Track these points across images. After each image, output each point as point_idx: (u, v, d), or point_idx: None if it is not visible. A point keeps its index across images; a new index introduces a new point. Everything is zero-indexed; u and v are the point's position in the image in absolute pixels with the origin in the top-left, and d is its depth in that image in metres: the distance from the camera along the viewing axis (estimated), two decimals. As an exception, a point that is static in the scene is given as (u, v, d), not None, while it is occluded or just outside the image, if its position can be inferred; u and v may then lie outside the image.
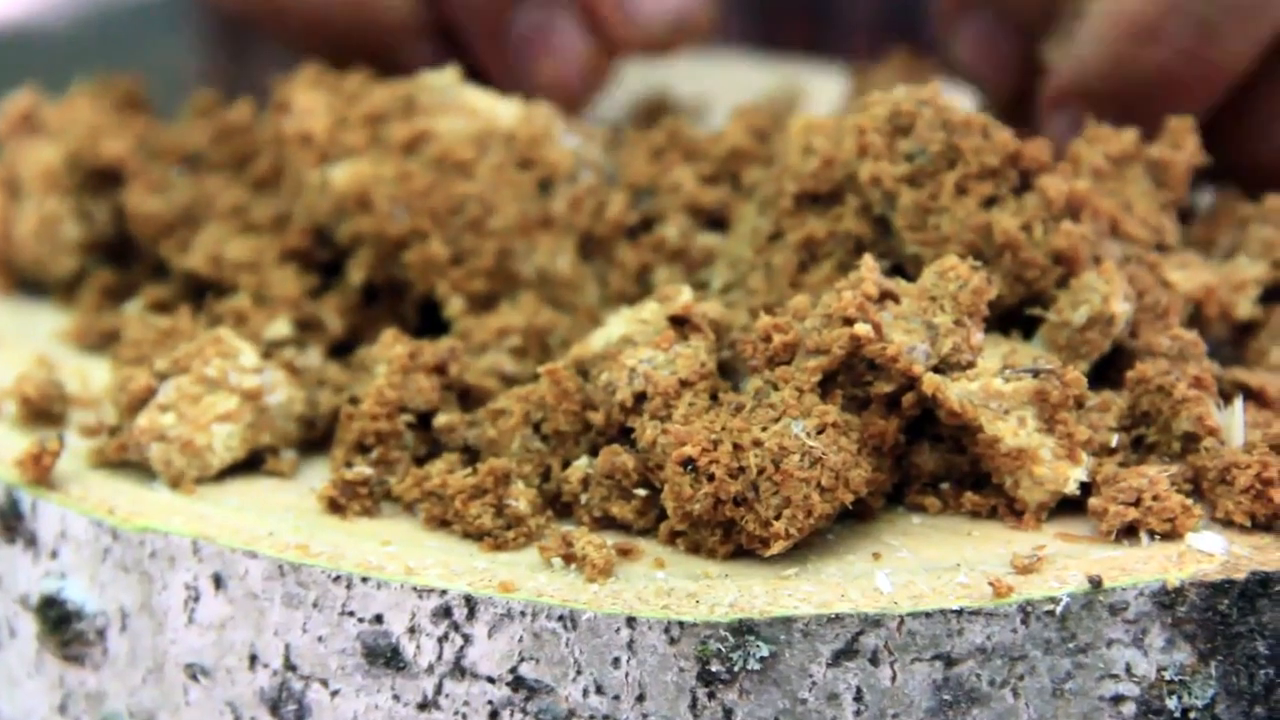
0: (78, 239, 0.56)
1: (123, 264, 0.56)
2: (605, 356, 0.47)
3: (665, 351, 0.47)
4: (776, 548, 0.45)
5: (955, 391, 0.46)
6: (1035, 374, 0.47)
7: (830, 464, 0.45)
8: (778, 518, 0.44)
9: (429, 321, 0.53)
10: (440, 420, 0.48)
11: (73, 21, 5.96)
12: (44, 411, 0.49)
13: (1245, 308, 0.50)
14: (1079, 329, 0.49)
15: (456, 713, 0.45)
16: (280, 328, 0.50)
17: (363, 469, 0.47)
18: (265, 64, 1.03)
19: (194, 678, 0.46)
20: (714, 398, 0.46)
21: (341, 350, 0.53)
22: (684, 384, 0.47)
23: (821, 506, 0.45)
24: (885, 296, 0.46)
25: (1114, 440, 0.47)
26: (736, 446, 0.44)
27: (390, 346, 0.49)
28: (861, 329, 0.46)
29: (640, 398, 0.47)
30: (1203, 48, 0.59)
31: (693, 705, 0.43)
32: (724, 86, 0.86)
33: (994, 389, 0.46)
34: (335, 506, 0.46)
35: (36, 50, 5.95)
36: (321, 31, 0.77)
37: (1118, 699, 0.44)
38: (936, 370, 0.47)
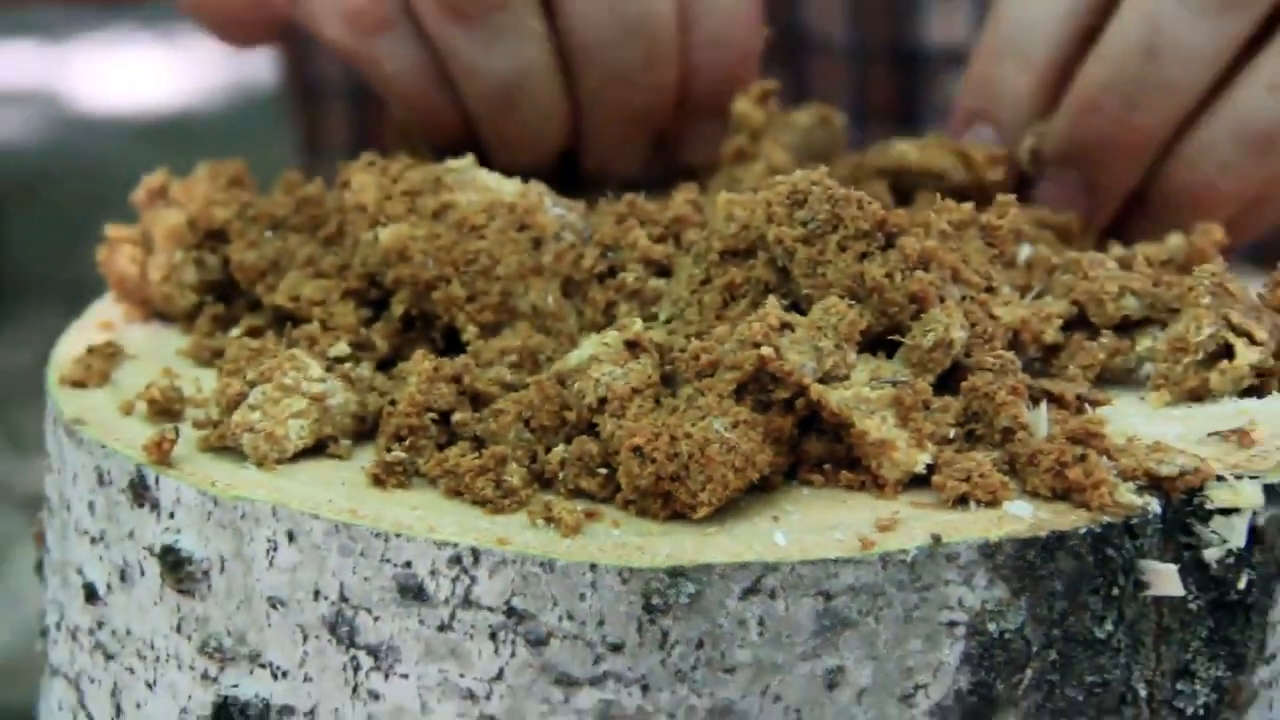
0: (194, 282, 0.57)
1: (228, 300, 0.57)
2: (578, 370, 0.48)
3: (622, 367, 0.48)
4: (701, 513, 0.45)
5: (834, 397, 0.47)
6: (894, 384, 0.48)
7: (742, 451, 0.45)
8: (702, 490, 0.45)
9: (450, 344, 0.54)
10: (456, 418, 0.48)
11: (226, 105, 5.94)
12: (166, 410, 0.50)
13: (1051, 335, 0.51)
14: (927, 351, 0.49)
15: (465, 633, 0.45)
16: (340, 348, 0.51)
17: (398, 454, 0.48)
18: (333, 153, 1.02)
19: (274, 606, 0.46)
20: (657, 401, 0.47)
21: (385, 365, 0.53)
22: (635, 391, 0.47)
23: (735, 482, 0.45)
24: (784, 326, 0.47)
25: (951, 433, 0.48)
26: (673, 438, 0.45)
27: (420, 362, 0.50)
28: (766, 351, 0.46)
29: (603, 401, 0.48)
30: (1132, 117, 0.58)
31: (639, 628, 0.44)
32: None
33: (863, 395, 0.47)
34: (378, 481, 0.47)
35: (196, 130, 5.94)
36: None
37: (953, 624, 0.44)
38: (821, 381, 0.47)
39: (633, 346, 0.49)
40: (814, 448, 0.48)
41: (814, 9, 1.16)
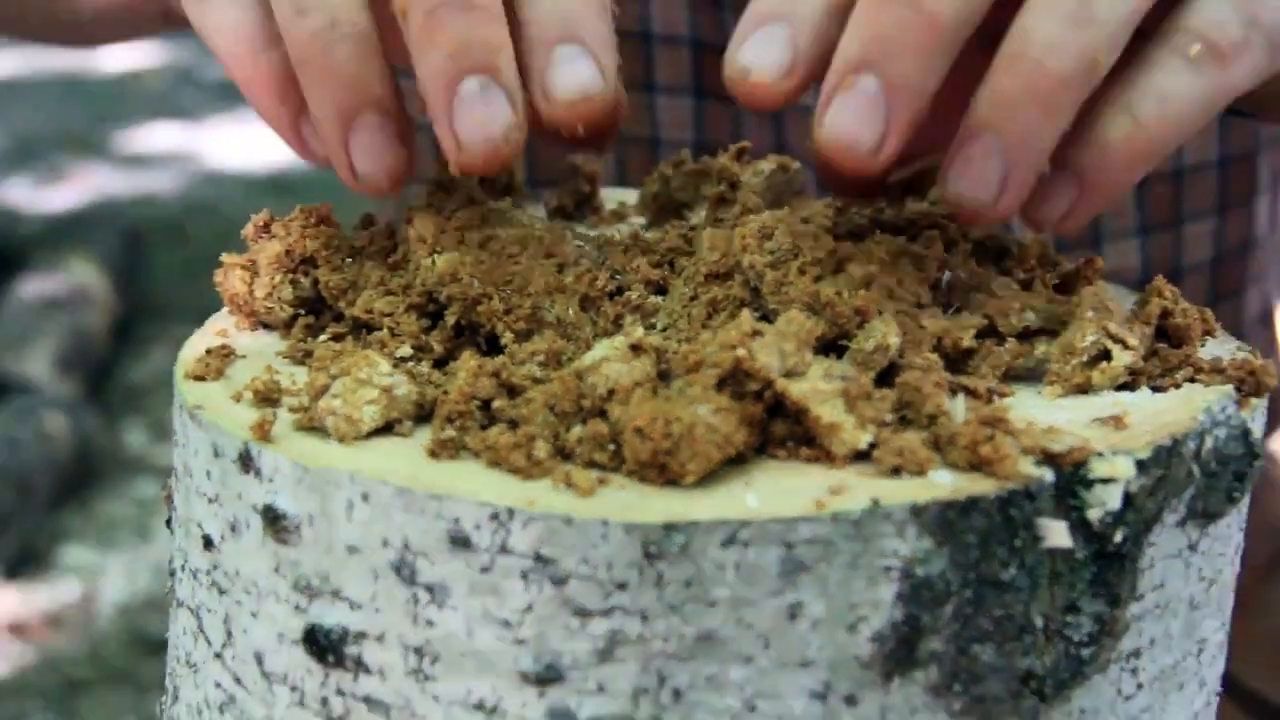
0: (290, 298, 0.57)
1: (316, 313, 0.57)
2: (592, 368, 0.48)
3: (626, 365, 0.48)
4: (689, 480, 0.45)
5: (795, 389, 0.46)
6: (842, 379, 0.47)
7: (722, 431, 0.45)
8: (690, 462, 0.44)
9: (491, 347, 0.53)
10: (495, 404, 0.48)
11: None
12: (267, 398, 0.50)
13: (967, 341, 0.51)
14: (869, 353, 0.49)
15: (502, 574, 0.44)
16: (404, 350, 0.52)
17: (450, 433, 0.48)
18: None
19: (350, 552, 0.46)
20: (654, 392, 0.47)
21: (440, 364, 0.53)
22: (636, 384, 0.47)
23: (716, 456, 0.45)
24: (755, 333, 0.47)
25: (888, 418, 0.47)
26: (666, 421, 0.44)
27: (467, 362, 0.50)
28: (741, 353, 0.46)
29: (611, 392, 0.47)
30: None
31: (640, 571, 0.43)
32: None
33: (818, 387, 0.47)
34: (433, 454, 0.47)
35: (296, 184, 5.95)
36: None
37: (888, 569, 0.44)
38: (785, 376, 0.46)
39: (635, 349, 0.48)
40: (779, 429, 0.47)
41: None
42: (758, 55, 0.53)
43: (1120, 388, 0.52)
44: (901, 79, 0.50)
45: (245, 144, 6.98)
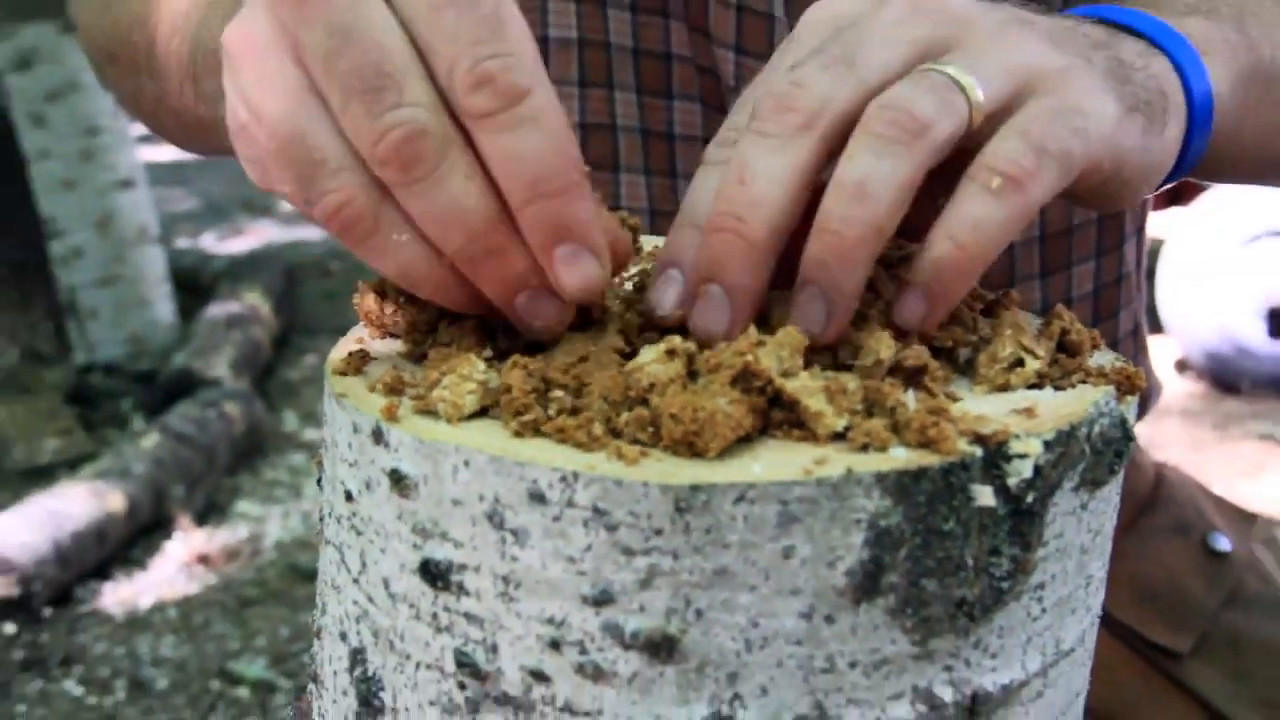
0: (410, 314, 0.55)
1: (431, 325, 0.55)
2: (638, 368, 0.47)
3: (664, 365, 0.47)
4: (710, 454, 0.44)
5: (790, 385, 0.45)
6: (825, 379, 0.46)
7: (735, 417, 0.44)
8: (712, 441, 0.44)
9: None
10: (553, 395, 0.49)
11: None
12: (394, 388, 0.49)
13: (918, 360, 0.49)
14: (870, 366, 0.50)
15: (569, 522, 0.44)
16: (488, 352, 0.51)
17: (528, 418, 0.47)
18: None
19: (455, 505, 0.45)
20: (684, 387, 0.45)
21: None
22: (670, 380, 0.46)
23: (730, 436, 0.44)
24: (760, 344, 0.46)
25: (858, 408, 0.46)
26: (694, 409, 0.44)
27: (512, 370, 0.49)
28: (749, 358, 0.45)
29: (652, 385, 0.46)
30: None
31: (672, 520, 0.43)
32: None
33: (807, 384, 0.46)
34: (517, 433, 0.46)
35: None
36: None
37: (858, 520, 0.43)
38: (782, 376, 0.46)
39: (670, 354, 0.47)
40: (777, 415, 0.46)
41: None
42: (659, 297, 0.53)
43: (1030, 387, 0.51)
44: (735, 283, 0.50)
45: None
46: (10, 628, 2.97)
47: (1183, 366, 4.32)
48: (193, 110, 0.69)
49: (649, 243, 0.70)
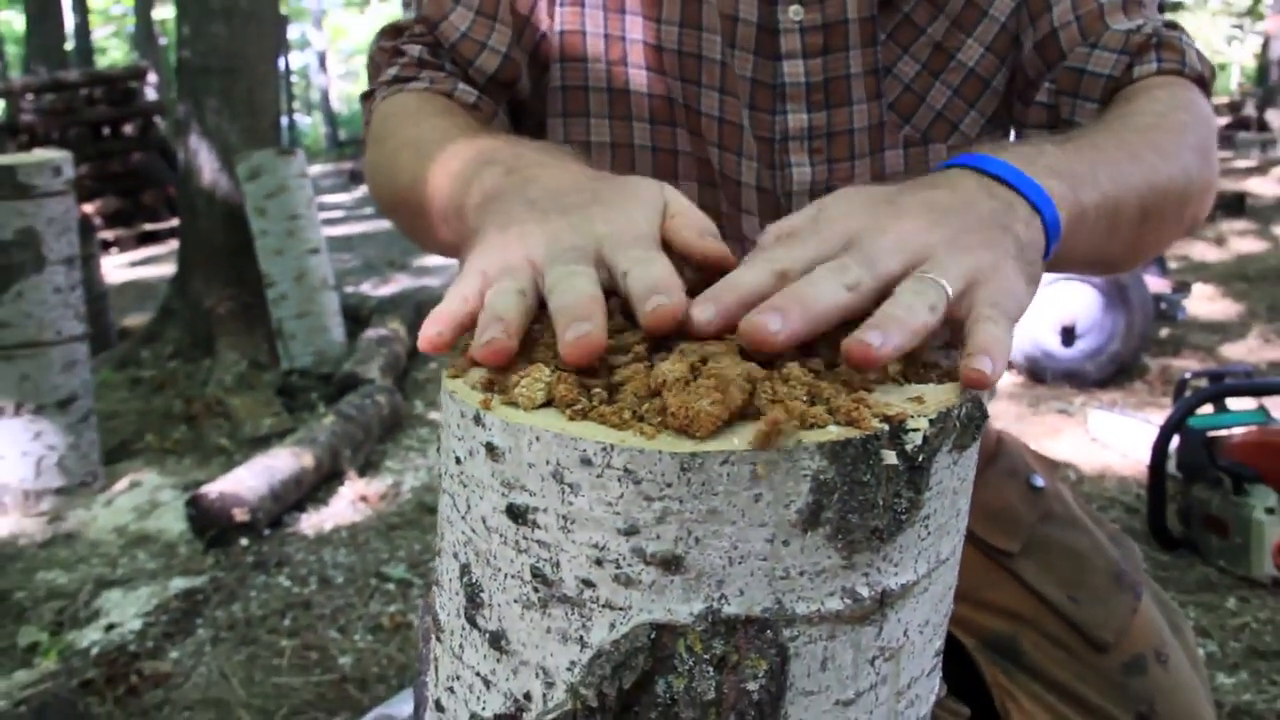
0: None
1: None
2: (657, 370, 0.44)
3: (672, 365, 0.44)
4: (700, 436, 0.42)
5: (760, 391, 0.43)
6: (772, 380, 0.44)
7: (714, 414, 0.42)
8: (699, 429, 0.42)
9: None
10: (593, 391, 0.46)
11: None
12: (488, 386, 0.47)
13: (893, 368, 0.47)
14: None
15: (608, 478, 0.42)
16: (551, 366, 0.47)
17: (580, 406, 0.45)
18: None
19: (530, 465, 0.43)
20: (685, 385, 0.43)
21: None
22: (678, 379, 0.44)
23: (711, 426, 0.42)
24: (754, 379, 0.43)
25: (804, 399, 0.44)
26: (688, 407, 0.42)
27: (557, 386, 0.47)
28: (730, 375, 0.42)
29: (664, 382, 0.44)
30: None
31: (678, 477, 0.40)
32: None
33: (768, 386, 0.43)
34: (570, 419, 0.43)
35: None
36: None
37: (805, 474, 0.41)
38: (748, 382, 0.43)
39: (681, 353, 0.45)
40: (759, 403, 0.44)
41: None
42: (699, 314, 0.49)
43: (893, 380, 0.48)
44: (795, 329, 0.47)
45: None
46: (244, 541, 2.96)
47: (1008, 365, 4.29)
48: (446, 240, 0.70)
49: None
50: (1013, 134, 0.93)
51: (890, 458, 0.43)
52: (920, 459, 0.44)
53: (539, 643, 0.45)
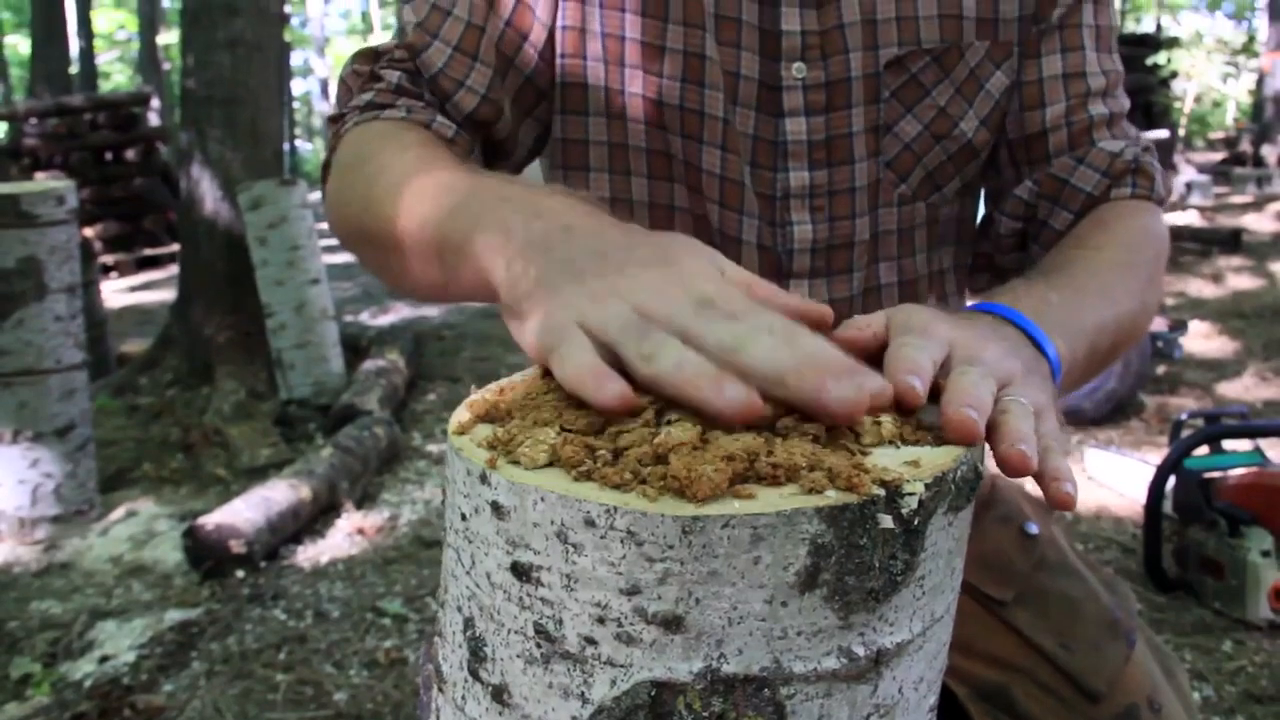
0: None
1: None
2: (664, 438, 0.46)
3: (678, 431, 0.46)
4: (700, 498, 0.43)
5: (760, 462, 0.44)
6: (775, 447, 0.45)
7: (715, 480, 0.43)
8: (698, 492, 0.43)
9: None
10: (599, 453, 0.46)
11: None
12: (493, 445, 0.48)
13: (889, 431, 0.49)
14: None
15: (610, 540, 0.42)
16: (556, 428, 0.48)
17: (585, 468, 0.45)
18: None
19: (534, 525, 0.44)
20: (691, 451, 0.44)
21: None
22: (681, 444, 0.45)
23: (709, 491, 0.43)
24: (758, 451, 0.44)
25: (805, 464, 0.45)
26: (689, 474, 0.43)
27: (563, 447, 0.48)
28: (730, 448, 0.43)
29: (669, 449, 0.45)
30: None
31: (679, 539, 0.41)
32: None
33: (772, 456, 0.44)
34: (575, 479, 0.44)
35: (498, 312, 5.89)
36: None
37: (804, 538, 0.42)
38: (749, 456, 0.44)
39: (684, 423, 0.46)
40: (758, 469, 0.45)
41: None
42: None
43: (890, 442, 0.50)
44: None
45: (471, 295, 6.97)
46: (240, 573, 2.95)
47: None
48: (433, 278, 0.67)
49: None
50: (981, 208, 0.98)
51: (886, 521, 0.44)
52: (916, 522, 0.45)
53: (541, 697, 0.46)
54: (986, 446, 0.52)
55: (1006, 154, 0.94)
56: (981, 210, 0.99)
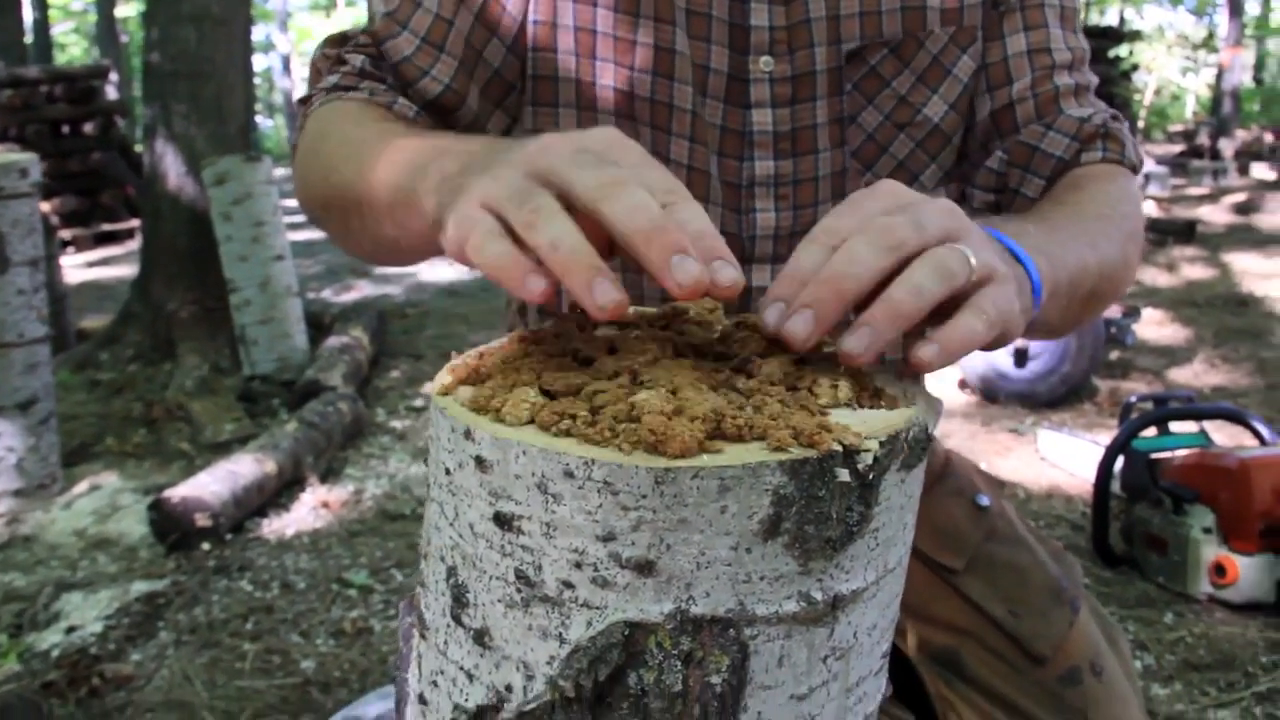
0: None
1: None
2: (638, 401, 0.48)
3: (648, 396, 0.48)
4: (672, 453, 0.45)
5: (728, 420, 0.47)
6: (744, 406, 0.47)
7: (684, 437, 0.46)
8: (670, 449, 0.45)
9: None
10: (577, 415, 0.48)
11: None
12: (477, 407, 0.50)
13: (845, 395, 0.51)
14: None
15: (588, 490, 0.45)
16: (536, 388, 0.50)
17: (564, 425, 0.47)
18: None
19: (516, 477, 0.46)
20: (662, 413, 0.46)
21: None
22: (654, 409, 0.47)
23: (679, 448, 0.45)
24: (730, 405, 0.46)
25: (770, 422, 0.47)
26: (663, 432, 0.45)
27: (539, 410, 0.49)
28: (704, 408, 0.45)
29: (641, 408, 0.47)
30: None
31: (652, 489, 0.44)
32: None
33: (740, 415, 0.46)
34: (555, 435, 0.46)
35: (465, 291, 5.87)
36: None
37: (767, 489, 0.45)
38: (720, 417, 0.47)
39: (659, 388, 0.49)
40: (725, 426, 0.48)
41: None
42: (767, 317, 0.54)
43: (846, 404, 0.52)
44: (824, 314, 0.52)
45: (435, 270, 6.96)
46: (206, 545, 2.95)
47: (963, 385, 4.35)
48: (387, 234, 0.69)
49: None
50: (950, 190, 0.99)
51: (844, 475, 0.47)
52: (871, 477, 0.48)
53: (520, 639, 0.49)
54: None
55: (978, 133, 0.95)
56: None
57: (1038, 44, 0.92)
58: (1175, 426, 2.91)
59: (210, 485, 3.03)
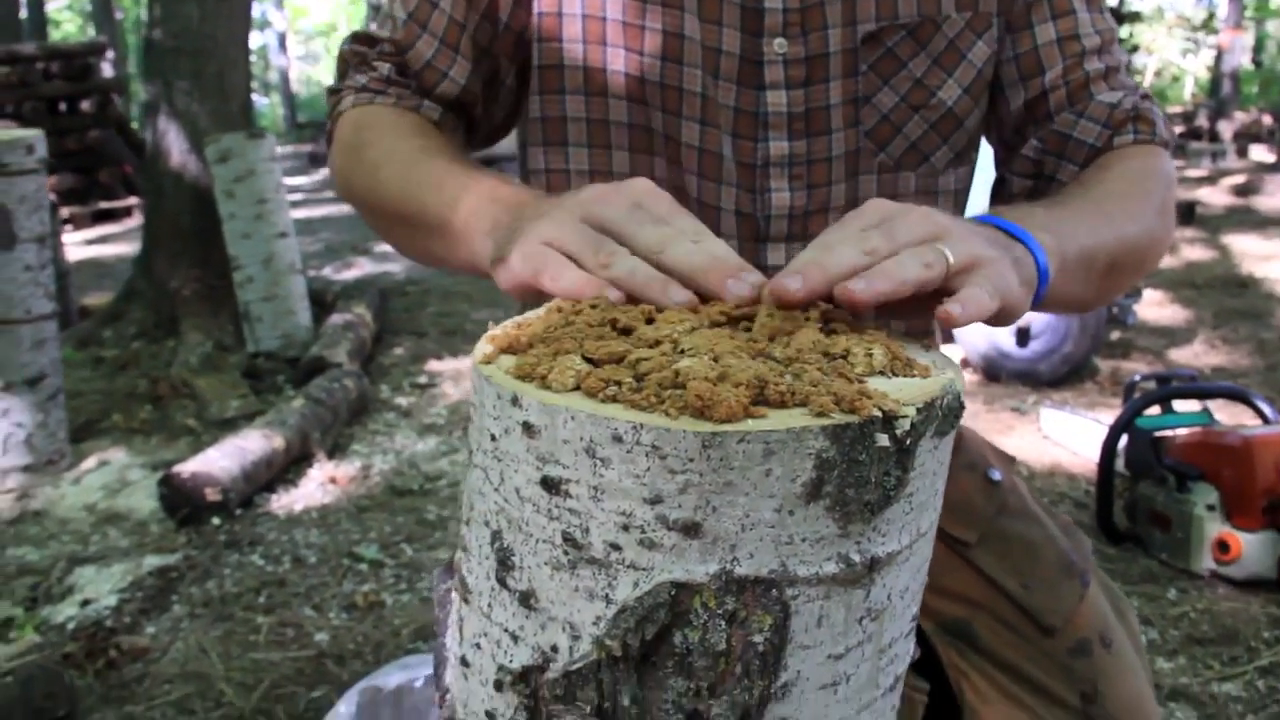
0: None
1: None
2: (681, 368, 0.49)
3: (694, 362, 0.49)
4: (717, 418, 0.46)
5: (770, 386, 0.48)
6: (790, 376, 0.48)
7: (729, 402, 0.47)
8: (716, 414, 0.46)
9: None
10: (623, 381, 0.49)
11: None
12: (522, 375, 0.51)
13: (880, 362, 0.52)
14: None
15: (636, 453, 0.46)
16: (580, 357, 0.51)
17: (611, 391, 0.48)
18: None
19: (564, 443, 0.47)
20: (706, 378, 0.48)
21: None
22: (698, 375, 0.48)
23: (725, 413, 0.47)
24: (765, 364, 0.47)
25: (812, 390, 0.48)
26: (708, 397, 0.47)
27: (585, 377, 0.51)
28: (750, 373, 0.47)
29: (688, 375, 0.48)
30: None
31: (699, 453, 0.45)
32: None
33: (782, 383, 0.47)
34: (602, 401, 0.47)
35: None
36: None
37: (809, 454, 0.46)
38: (760, 381, 0.48)
39: (705, 355, 0.50)
40: (767, 393, 0.49)
41: None
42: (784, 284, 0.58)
43: (879, 373, 0.54)
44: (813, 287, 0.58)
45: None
46: (216, 520, 2.98)
47: (965, 363, 4.37)
48: (435, 251, 0.82)
49: None
50: (991, 175, 1.01)
51: (883, 440, 0.48)
52: (908, 442, 0.49)
53: (567, 600, 0.50)
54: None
55: (1012, 121, 0.96)
56: (994, 173, 1.01)
57: (1067, 31, 0.93)
58: (1179, 405, 2.93)
59: (219, 461, 3.04)
